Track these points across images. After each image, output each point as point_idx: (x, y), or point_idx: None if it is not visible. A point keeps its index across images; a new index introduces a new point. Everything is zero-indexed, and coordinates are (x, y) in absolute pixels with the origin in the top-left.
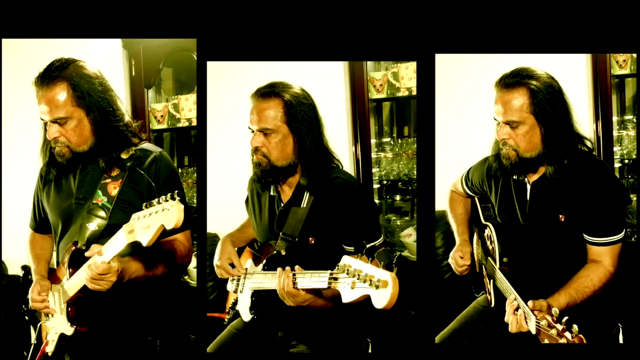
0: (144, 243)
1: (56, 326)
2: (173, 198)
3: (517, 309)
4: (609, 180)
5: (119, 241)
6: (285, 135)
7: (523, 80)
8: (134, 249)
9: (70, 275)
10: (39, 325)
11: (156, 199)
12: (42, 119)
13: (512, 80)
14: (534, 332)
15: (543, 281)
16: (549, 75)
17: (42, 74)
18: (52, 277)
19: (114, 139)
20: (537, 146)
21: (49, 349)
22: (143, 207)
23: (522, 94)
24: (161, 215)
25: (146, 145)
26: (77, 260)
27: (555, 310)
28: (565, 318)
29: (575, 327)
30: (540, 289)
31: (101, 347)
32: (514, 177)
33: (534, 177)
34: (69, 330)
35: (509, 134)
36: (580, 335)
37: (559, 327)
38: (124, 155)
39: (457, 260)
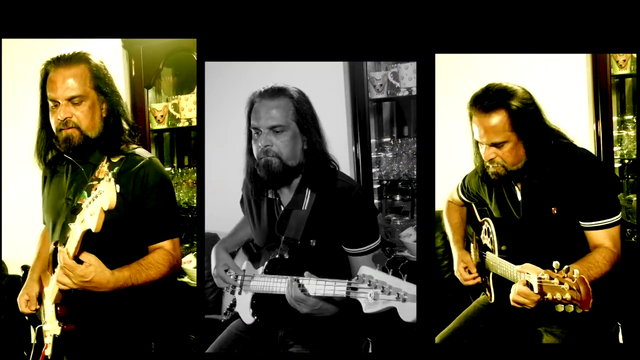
0: (93, 229)
1: (50, 329)
2: (109, 180)
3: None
4: (594, 165)
5: (76, 233)
6: (295, 134)
7: (501, 102)
8: (114, 258)
9: (53, 274)
10: (38, 327)
11: (99, 183)
12: (51, 101)
13: (490, 103)
14: (536, 290)
15: (541, 267)
16: (520, 87)
17: (60, 56)
18: (47, 280)
19: (119, 131)
20: (523, 158)
21: (48, 352)
22: (90, 194)
23: (501, 115)
24: (99, 199)
25: (138, 151)
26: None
27: (555, 263)
28: (566, 267)
29: (576, 271)
30: None
31: (97, 347)
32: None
33: None
34: (58, 330)
35: (495, 153)
36: (582, 276)
37: (560, 275)
38: (114, 159)
39: (463, 274)
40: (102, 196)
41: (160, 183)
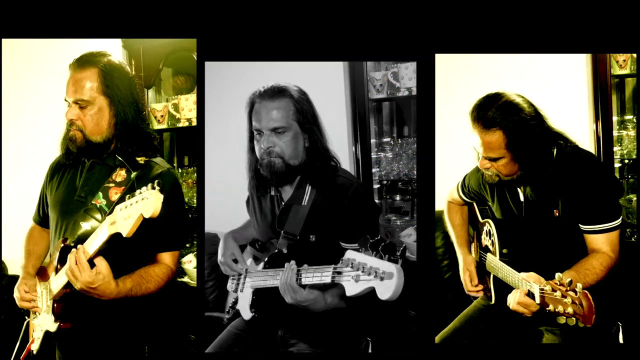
0: (124, 233)
1: (42, 323)
2: (154, 187)
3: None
4: (597, 169)
5: (102, 234)
6: (296, 133)
7: (501, 122)
8: (121, 266)
9: (57, 271)
10: (26, 322)
11: (138, 190)
12: (65, 100)
13: (490, 120)
14: (538, 300)
15: (542, 271)
16: (525, 100)
17: (77, 57)
18: (43, 274)
19: (132, 139)
20: (516, 171)
21: (34, 346)
22: (126, 198)
23: (497, 134)
24: (141, 205)
25: (157, 160)
26: (65, 257)
27: (558, 275)
28: (569, 279)
29: (579, 285)
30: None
31: (90, 345)
32: None
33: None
34: (53, 326)
35: (491, 164)
36: (586, 291)
37: (563, 288)
38: (138, 160)
39: (467, 283)
40: (146, 203)
41: (174, 196)
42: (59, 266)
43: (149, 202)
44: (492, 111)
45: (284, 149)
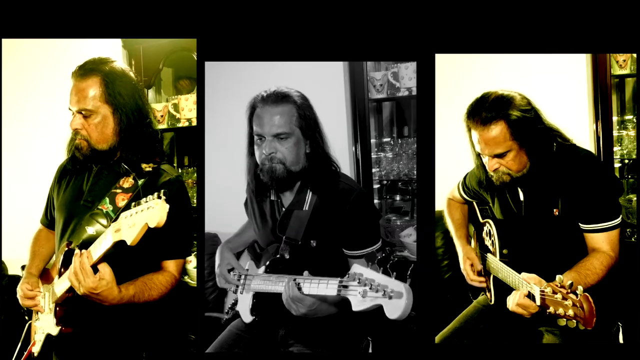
0: (128, 242)
1: (44, 326)
2: (159, 197)
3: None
4: (596, 167)
5: (106, 240)
6: (299, 139)
7: (499, 113)
8: (124, 271)
9: (61, 275)
10: (28, 324)
11: (144, 198)
12: (69, 109)
13: (488, 116)
14: (538, 302)
15: (542, 271)
16: (517, 93)
17: (80, 66)
18: (46, 276)
19: (138, 145)
20: (526, 163)
21: (35, 349)
22: (131, 206)
23: (500, 126)
24: (146, 214)
25: (165, 167)
26: (69, 260)
27: (559, 277)
28: (570, 282)
29: (580, 288)
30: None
31: (88, 350)
32: None
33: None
34: (54, 330)
35: (499, 163)
36: (586, 294)
37: (564, 290)
38: (144, 167)
39: (470, 272)
40: (151, 212)
41: (180, 204)
42: (62, 269)
43: (154, 211)
44: (486, 108)
45: (286, 155)
